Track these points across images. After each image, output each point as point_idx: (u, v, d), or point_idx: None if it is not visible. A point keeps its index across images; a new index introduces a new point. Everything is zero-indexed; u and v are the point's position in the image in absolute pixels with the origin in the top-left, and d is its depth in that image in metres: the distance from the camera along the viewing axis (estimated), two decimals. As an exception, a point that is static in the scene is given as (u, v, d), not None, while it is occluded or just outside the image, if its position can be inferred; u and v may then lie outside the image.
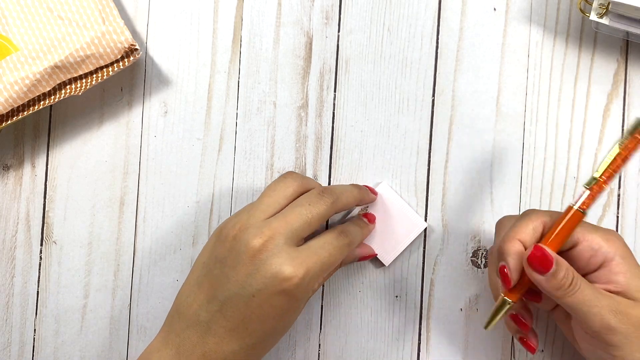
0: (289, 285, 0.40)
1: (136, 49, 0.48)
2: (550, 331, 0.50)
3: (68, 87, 0.49)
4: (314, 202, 0.43)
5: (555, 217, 0.41)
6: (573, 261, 0.41)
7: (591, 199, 0.40)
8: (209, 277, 0.42)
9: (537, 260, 0.39)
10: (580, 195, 0.40)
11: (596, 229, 0.42)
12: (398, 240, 0.50)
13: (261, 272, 0.40)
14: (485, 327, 0.41)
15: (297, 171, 0.51)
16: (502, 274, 0.41)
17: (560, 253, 0.40)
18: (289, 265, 0.40)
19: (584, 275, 0.41)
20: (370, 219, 0.49)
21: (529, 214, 0.42)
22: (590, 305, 0.39)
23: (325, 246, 0.43)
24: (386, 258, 0.50)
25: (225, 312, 0.41)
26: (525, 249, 0.40)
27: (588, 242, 0.41)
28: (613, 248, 0.41)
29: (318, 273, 0.42)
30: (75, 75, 0.48)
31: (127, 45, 0.48)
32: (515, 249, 0.40)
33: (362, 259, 0.49)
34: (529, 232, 0.41)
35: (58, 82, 0.47)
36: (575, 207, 0.40)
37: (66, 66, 0.47)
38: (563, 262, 0.39)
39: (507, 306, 0.41)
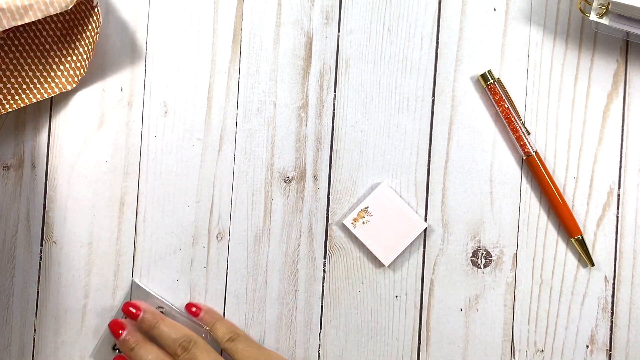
0: None
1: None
2: (550, 331, 0.50)
3: (58, 74, 0.47)
4: None
5: None
6: None
7: None
8: None
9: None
10: None
11: None
12: (398, 240, 0.50)
13: None
14: None
15: (297, 171, 0.51)
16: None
17: None
18: None
19: None
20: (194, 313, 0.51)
21: None
22: None
23: None
24: (386, 258, 0.50)
25: None
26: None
27: None
28: None
29: None
30: (20, 22, 0.45)
31: None
32: None
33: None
34: None
35: (1, 29, 0.45)
36: None
37: (11, 9, 0.45)
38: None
39: None
